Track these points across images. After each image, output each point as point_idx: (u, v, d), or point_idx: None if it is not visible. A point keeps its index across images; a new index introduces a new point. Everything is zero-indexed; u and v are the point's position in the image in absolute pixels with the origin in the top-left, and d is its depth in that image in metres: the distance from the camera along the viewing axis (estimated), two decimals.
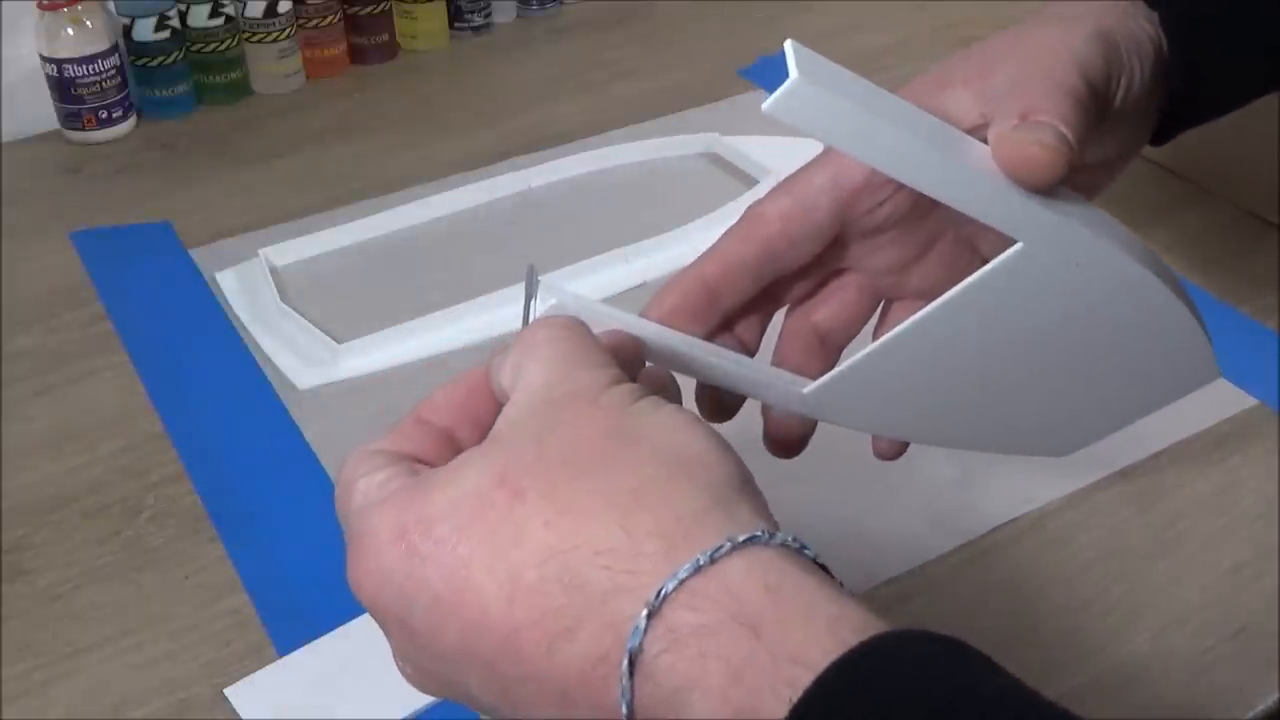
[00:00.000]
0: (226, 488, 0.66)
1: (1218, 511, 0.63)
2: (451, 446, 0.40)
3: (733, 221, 0.48)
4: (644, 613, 0.31)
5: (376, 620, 0.38)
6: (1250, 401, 0.70)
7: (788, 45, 0.38)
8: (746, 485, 0.36)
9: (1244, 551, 0.61)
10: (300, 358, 0.74)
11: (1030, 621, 0.58)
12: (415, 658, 0.37)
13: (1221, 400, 0.70)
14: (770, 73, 1.03)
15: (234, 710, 0.54)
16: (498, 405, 0.39)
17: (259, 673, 0.56)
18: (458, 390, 0.41)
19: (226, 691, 0.55)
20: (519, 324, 0.42)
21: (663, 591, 0.31)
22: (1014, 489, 0.64)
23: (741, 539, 0.32)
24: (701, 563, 0.32)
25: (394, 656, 0.39)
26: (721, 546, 0.32)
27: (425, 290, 0.78)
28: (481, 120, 0.99)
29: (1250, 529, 0.62)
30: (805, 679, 0.30)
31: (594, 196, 0.89)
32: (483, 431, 0.39)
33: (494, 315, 0.75)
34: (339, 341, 0.74)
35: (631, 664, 0.31)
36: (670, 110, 0.98)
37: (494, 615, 0.33)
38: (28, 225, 0.88)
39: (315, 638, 0.57)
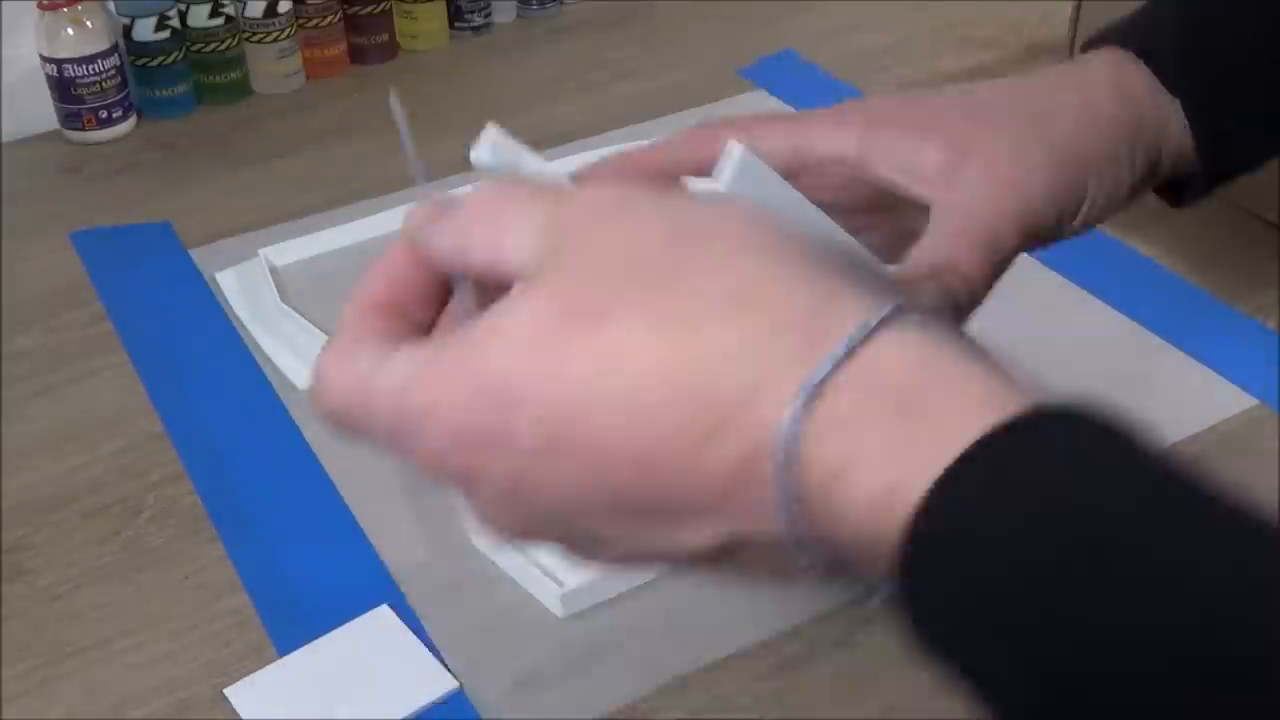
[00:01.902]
0: (226, 488, 0.66)
1: None
2: (415, 325, 0.38)
3: None
4: (798, 402, 0.30)
5: (458, 489, 0.35)
6: (1250, 401, 0.70)
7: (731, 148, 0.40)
8: (831, 254, 0.34)
9: None
10: (300, 358, 0.74)
11: None
12: (512, 508, 0.35)
13: (1221, 400, 0.70)
14: (770, 73, 1.03)
15: (234, 710, 0.54)
16: (438, 275, 0.37)
17: (259, 673, 0.56)
18: (383, 270, 0.39)
19: (226, 691, 0.55)
20: None
21: (813, 382, 0.30)
22: None
23: (876, 321, 0.31)
24: (843, 351, 0.31)
25: (480, 515, 0.36)
26: (869, 323, 0.31)
27: None
28: (481, 120, 0.98)
29: None
30: (962, 446, 0.29)
31: None
32: (437, 303, 0.38)
33: None
34: None
35: (786, 456, 0.31)
36: (670, 110, 0.98)
37: (615, 446, 0.32)
38: (28, 225, 0.88)
39: (315, 638, 0.57)
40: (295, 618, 0.58)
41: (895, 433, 0.30)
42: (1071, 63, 0.51)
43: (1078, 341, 0.74)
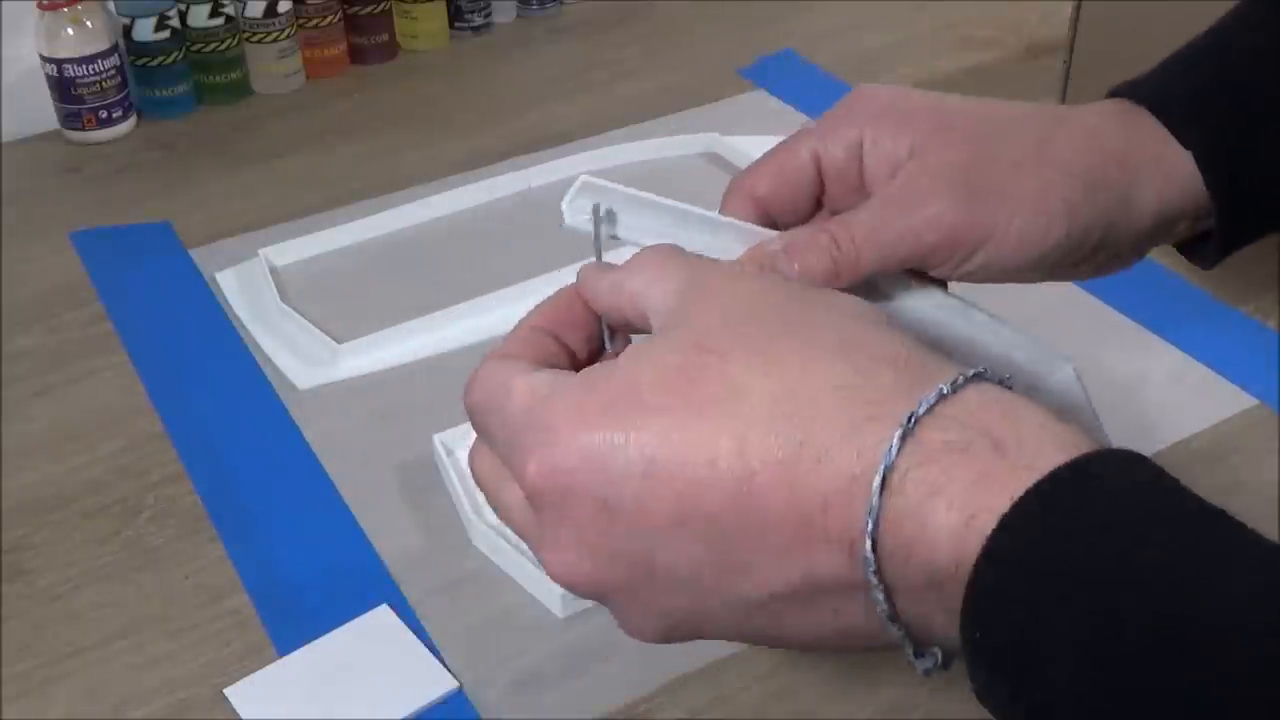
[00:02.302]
0: (226, 488, 0.66)
1: None
2: (569, 356, 0.42)
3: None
4: (898, 433, 0.33)
5: (557, 515, 0.36)
6: (1250, 401, 0.70)
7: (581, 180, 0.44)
8: (921, 339, 0.38)
9: None
10: (300, 358, 0.74)
11: None
12: (606, 541, 0.36)
13: (1221, 400, 0.70)
14: (770, 73, 1.03)
15: (234, 710, 0.54)
16: (597, 318, 0.42)
17: (259, 673, 0.56)
18: (552, 309, 0.43)
19: (226, 691, 0.55)
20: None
21: (915, 415, 0.33)
22: None
23: (970, 373, 0.35)
24: (945, 391, 0.34)
25: (565, 549, 0.37)
26: (959, 378, 0.34)
27: (425, 290, 0.78)
28: (481, 120, 0.99)
29: None
30: (1033, 480, 0.32)
31: None
32: (593, 341, 0.42)
33: (494, 315, 0.75)
34: (339, 341, 0.74)
35: (884, 481, 0.33)
36: (670, 110, 0.98)
37: (723, 466, 0.34)
38: (28, 225, 0.88)
39: (315, 638, 0.57)
40: (295, 618, 0.58)
41: (981, 469, 0.33)
42: (1078, 106, 0.51)
43: (1078, 341, 0.74)
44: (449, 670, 0.55)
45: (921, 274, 0.47)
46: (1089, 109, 0.50)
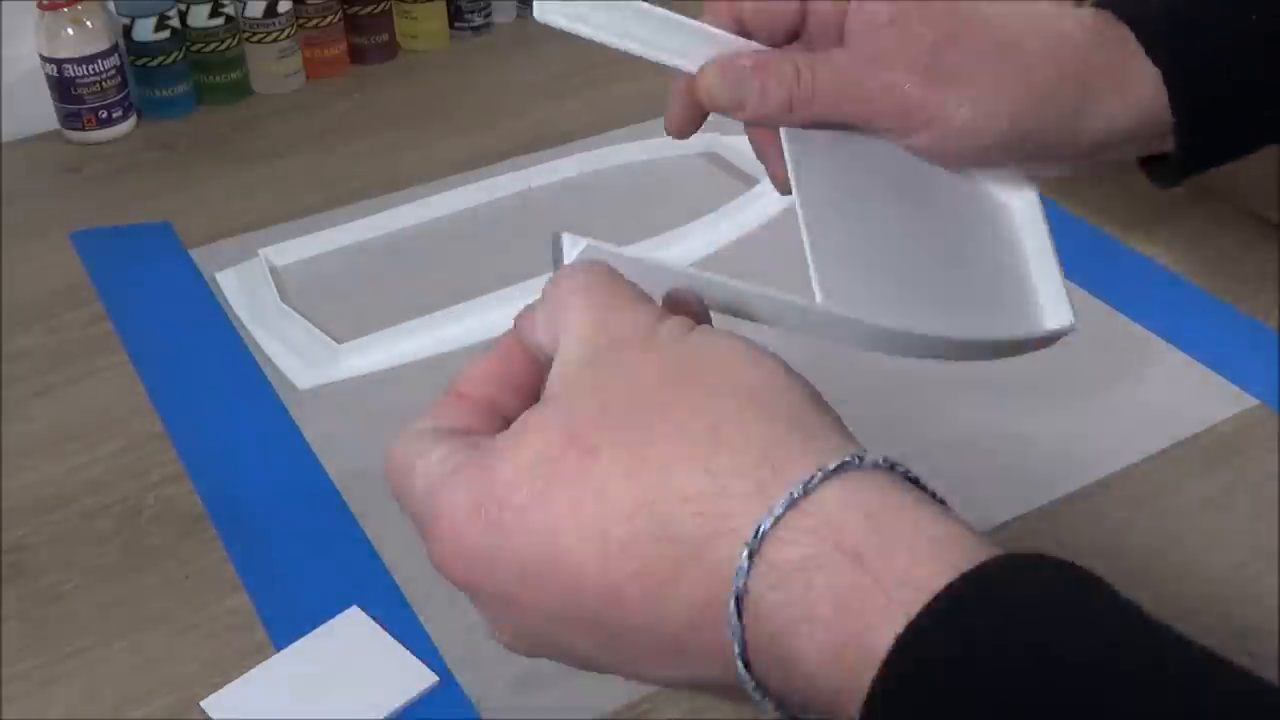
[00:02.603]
0: (226, 488, 0.66)
1: (1218, 511, 0.63)
2: (496, 414, 0.39)
3: (733, 220, 0.49)
4: (745, 552, 0.31)
5: (468, 595, 0.37)
6: (1250, 401, 0.70)
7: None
8: (819, 404, 0.35)
9: (1244, 552, 0.61)
10: (300, 358, 0.74)
11: None
12: (513, 624, 0.37)
13: (1221, 400, 0.70)
14: None
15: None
16: (535, 365, 0.39)
17: (231, 684, 0.55)
18: (490, 359, 0.40)
19: (203, 704, 0.54)
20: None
21: (761, 529, 0.31)
22: (1014, 488, 0.64)
23: (832, 466, 0.32)
24: (796, 496, 0.31)
25: (488, 625, 0.38)
26: (813, 477, 0.32)
27: (425, 290, 0.78)
28: (481, 120, 0.99)
29: (1250, 529, 0.62)
30: (916, 601, 0.30)
31: (594, 196, 0.89)
32: (524, 395, 0.39)
33: (494, 315, 0.75)
34: (339, 341, 0.74)
35: (739, 605, 0.31)
36: None
37: (590, 575, 0.33)
38: (28, 225, 0.88)
39: None
40: (295, 618, 0.58)
41: (845, 584, 0.31)
42: (1063, 8, 0.51)
43: (1078, 341, 0.74)
44: (428, 666, 0.55)
45: None
46: (1071, 15, 0.50)
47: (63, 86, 0.95)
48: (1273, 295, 0.77)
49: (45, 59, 0.94)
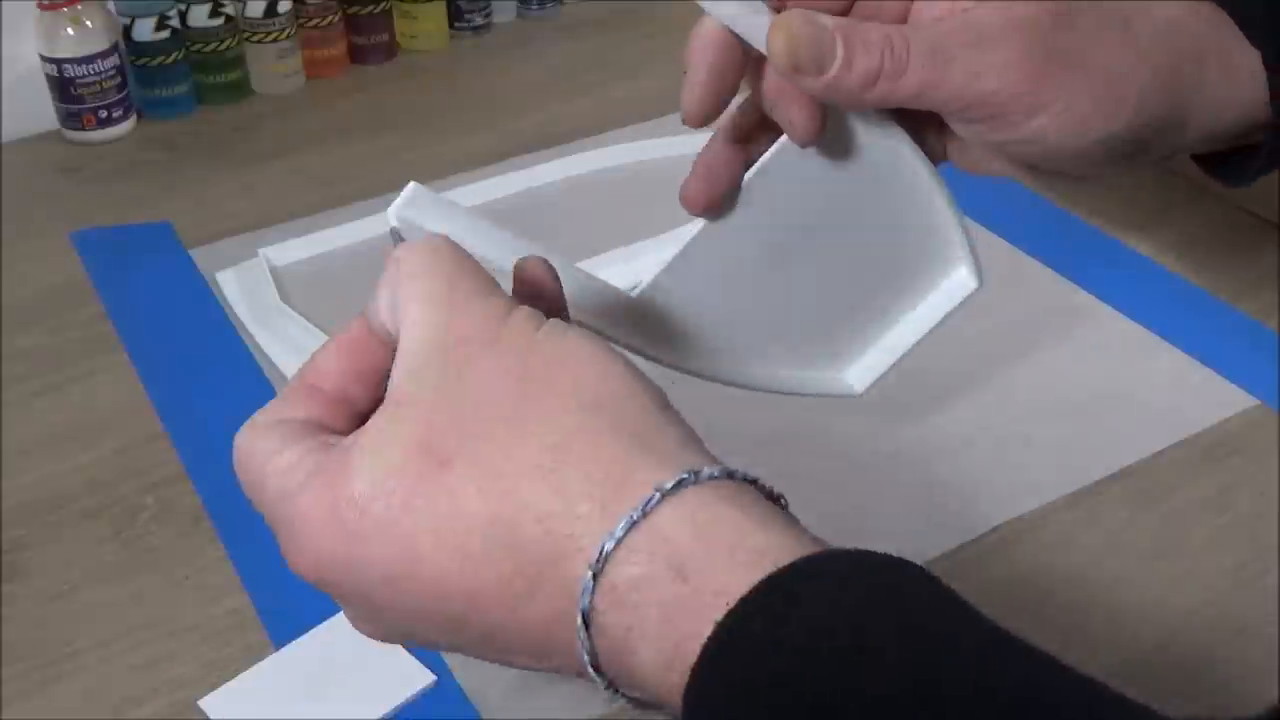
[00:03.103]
0: (226, 488, 0.65)
1: (1218, 511, 0.63)
2: (347, 406, 0.39)
3: None
4: (589, 574, 0.32)
5: (327, 593, 0.37)
6: (1250, 401, 0.70)
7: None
8: (665, 412, 0.36)
9: (1244, 551, 0.61)
10: (300, 358, 0.73)
11: (1030, 622, 0.58)
12: (375, 620, 0.38)
13: (1221, 400, 0.70)
14: None
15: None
16: (384, 349, 0.38)
17: (227, 684, 0.55)
18: (341, 349, 0.39)
19: (200, 703, 0.54)
20: None
21: (603, 552, 0.32)
22: (1014, 488, 0.64)
23: (670, 485, 0.33)
24: (635, 518, 0.32)
25: (349, 617, 0.39)
26: (651, 498, 0.32)
27: None
28: (481, 120, 0.99)
29: (1250, 529, 0.62)
30: (725, 608, 0.31)
31: (594, 196, 0.89)
32: (375, 384, 0.39)
33: None
34: None
35: (586, 622, 0.33)
36: (670, 110, 0.97)
37: (451, 583, 0.34)
38: (28, 225, 0.88)
39: None
40: (295, 618, 0.58)
41: (664, 602, 0.32)
42: None
43: (1078, 342, 0.74)
44: (426, 666, 0.55)
45: None
46: (1167, 4, 0.45)
47: (63, 86, 0.95)
48: (1273, 295, 0.77)
49: (45, 59, 0.94)
